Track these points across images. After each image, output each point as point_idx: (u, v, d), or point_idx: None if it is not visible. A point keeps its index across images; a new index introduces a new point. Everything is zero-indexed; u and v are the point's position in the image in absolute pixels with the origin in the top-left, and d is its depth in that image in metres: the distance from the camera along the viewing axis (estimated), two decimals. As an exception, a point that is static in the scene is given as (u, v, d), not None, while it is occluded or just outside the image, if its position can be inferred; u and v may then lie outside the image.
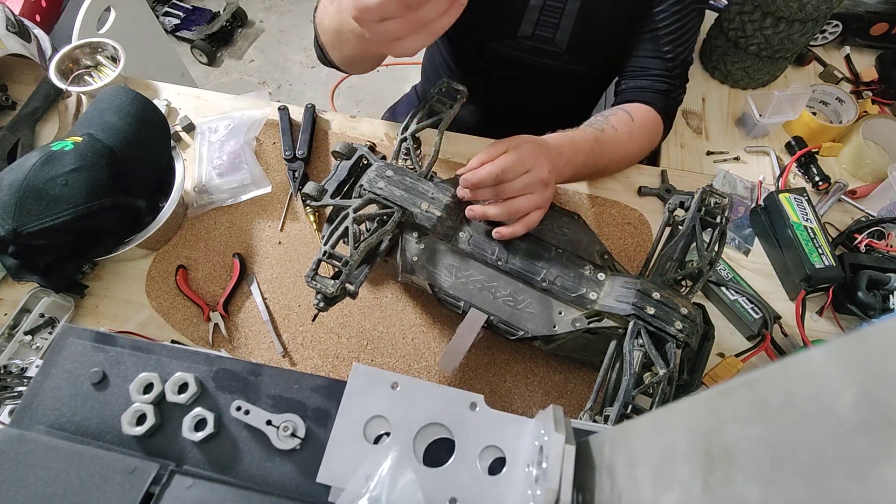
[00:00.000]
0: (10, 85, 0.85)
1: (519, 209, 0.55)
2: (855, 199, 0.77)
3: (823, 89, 0.86)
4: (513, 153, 0.55)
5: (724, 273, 0.68)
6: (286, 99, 2.07)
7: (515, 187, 0.54)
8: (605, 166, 0.71)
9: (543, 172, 0.55)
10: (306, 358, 0.64)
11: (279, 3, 2.35)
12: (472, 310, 0.55)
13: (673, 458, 0.20)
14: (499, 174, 0.53)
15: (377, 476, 0.31)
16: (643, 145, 0.73)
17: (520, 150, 0.55)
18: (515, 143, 0.56)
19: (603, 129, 0.68)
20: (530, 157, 0.55)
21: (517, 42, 0.78)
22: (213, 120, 0.79)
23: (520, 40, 0.77)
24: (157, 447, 0.34)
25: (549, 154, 0.58)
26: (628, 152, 0.72)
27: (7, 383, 0.56)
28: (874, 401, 0.12)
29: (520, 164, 0.54)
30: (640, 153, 0.74)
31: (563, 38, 0.75)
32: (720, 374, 0.62)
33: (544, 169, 0.56)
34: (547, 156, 0.57)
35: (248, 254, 0.71)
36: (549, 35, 0.76)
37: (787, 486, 0.14)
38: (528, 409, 0.62)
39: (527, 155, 0.55)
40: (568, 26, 0.74)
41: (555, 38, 0.76)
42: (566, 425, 0.29)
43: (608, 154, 0.69)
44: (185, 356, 0.37)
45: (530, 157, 0.55)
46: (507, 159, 0.54)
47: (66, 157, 0.59)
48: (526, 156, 0.55)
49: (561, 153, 0.61)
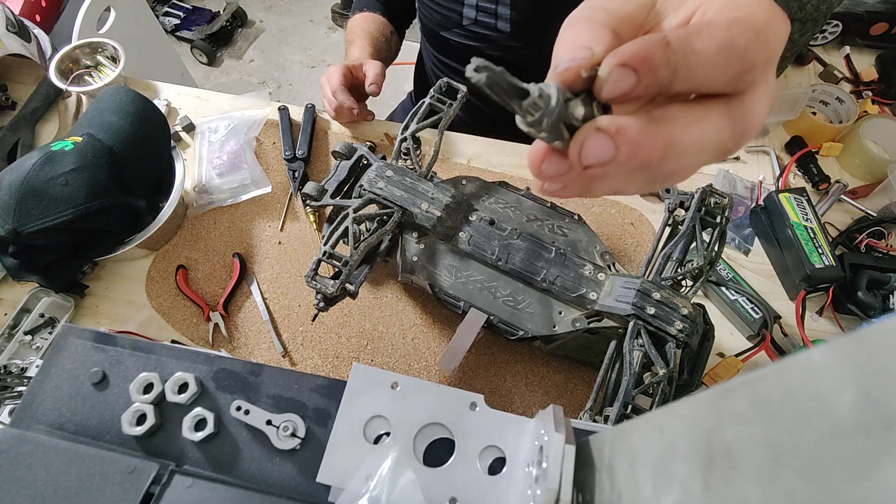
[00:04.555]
0: (10, 85, 0.85)
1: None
2: (855, 199, 0.77)
3: (823, 89, 0.86)
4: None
5: (724, 273, 0.68)
6: (286, 99, 2.07)
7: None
8: None
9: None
10: (306, 358, 0.64)
11: (279, 3, 2.35)
12: (472, 310, 0.55)
13: (673, 458, 0.20)
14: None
15: (377, 476, 0.31)
16: None
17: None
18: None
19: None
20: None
21: (464, 30, 0.77)
22: (213, 120, 0.79)
23: (466, 28, 0.77)
24: (157, 447, 0.34)
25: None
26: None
27: (7, 383, 0.56)
28: (874, 401, 0.12)
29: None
30: None
31: (504, 22, 0.74)
32: (720, 374, 0.62)
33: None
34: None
35: (248, 254, 0.71)
36: (490, 20, 0.75)
37: (787, 486, 0.14)
38: (528, 409, 0.62)
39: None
40: (506, 11, 0.72)
41: (496, 24, 0.75)
42: (566, 425, 0.29)
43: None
44: (185, 356, 0.37)
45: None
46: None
47: (66, 157, 0.59)
48: None
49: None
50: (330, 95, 0.77)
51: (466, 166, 0.78)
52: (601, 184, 0.22)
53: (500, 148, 0.81)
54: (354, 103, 0.77)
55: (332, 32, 2.27)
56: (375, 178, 0.56)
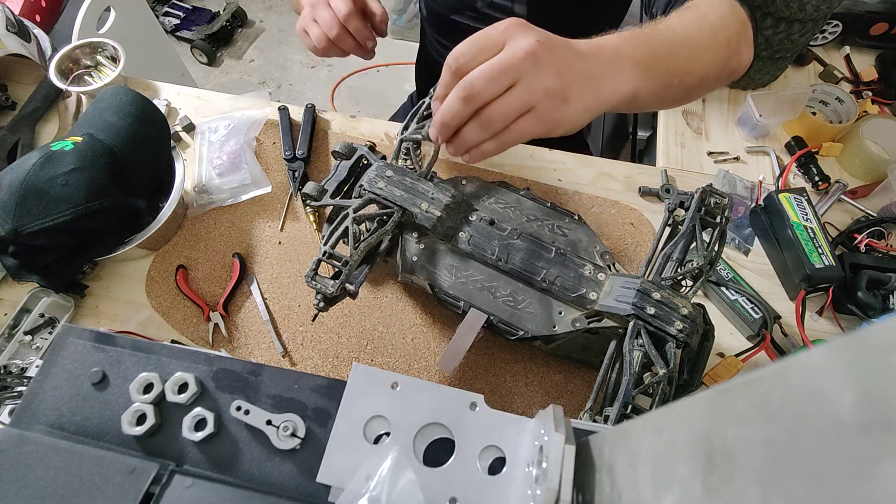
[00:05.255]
0: (10, 85, 0.85)
1: (492, 118, 0.41)
2: (855, 199, 0.77)
3: (823, 89, 0.86)
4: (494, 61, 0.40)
5: (724, 273, 0.68)
6: (286, 99, 2.07)
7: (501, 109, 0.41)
8: (692, 66, 0.50)
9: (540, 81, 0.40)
10: (306, 358, 0.64)
11: (279, 3, 2.35)
12: (472, 310, 0.55)
13: (673, 458, 0.20)
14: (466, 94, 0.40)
15: (377, 476, 0.31)
16: (727, 23, 0.53)
17: (509, 49, 0.40)
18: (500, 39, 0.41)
19: (666, 23, 0.50)
20: (520, 60, 0.39)
21: (477, 12, 0.76)
22: (213, 120, 0.79)
23: (479, 10, 0.75)
24: (157, 447, 0.34)
25: (569, 55, 0.42)
26: (712, 34, 0.51)
27: (7, 383, 0.56)
28: (874, 401, 0.12)
29: (500, 72, 0.39)
30: (725, 49, 0.53)
31: (521, 6, 0.73)
32: (720, 374, 0.62)
33: (543, 75, 0.40)
34: (563, 55, 0.41)
35: (248, 254, 0.71)
36: (506, 3, 0.74)
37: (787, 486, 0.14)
38: (528, 409, 0.62)
39: (514, 57, 0.39)
40: (522, 15, 0.71)
41: (513, 7, 0.74)
42: (566, 425, 0.29)
43: (688, 45, 0.50)
44: (185, 356, 0.37)
45: (520, 60, 0.39)
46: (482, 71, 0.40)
47: (66, 157, 0.59)
48: (511, 59, 0.39)
49: (602, 51, 0.44)
50: (330, 20, 0.61)
51: (466, 166, 0.78)
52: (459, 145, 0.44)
53: (500, 148, 0.81)
54: (371, 33, 0.64)
55: (332, 32, 2.26)
56: (375, 178, 0.56)
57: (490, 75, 0.39)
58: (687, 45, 0.50)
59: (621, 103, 0.45)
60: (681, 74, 0.50)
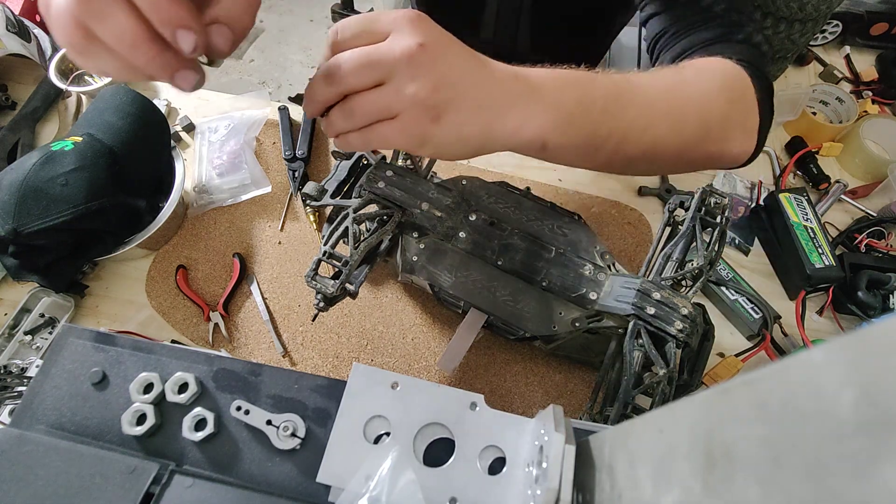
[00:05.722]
0: (10, 85, 0.85)
1: (353, 110, 0.37)
2: (855, 199, 0.77)
3: (823, 89, 0.86)
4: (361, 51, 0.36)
5: (724, 273, 0.68)
6: (286, 99, 2.07)
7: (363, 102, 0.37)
8: (636, 133, 0.43)
9: (410, 85, 0.36)
10: (306, 358, 0.64)
11: (279, 3, 2.35)
12: (472, 310, 0.55)
13: (673, 458, 0.20)
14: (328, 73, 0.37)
15: (377, 476, 0.31)
16: (712, 97, 0.45)
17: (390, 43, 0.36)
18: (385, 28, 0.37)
19: (629, 75, 0.44)
20: (395, 56, 0.35)
21: (482, 46, 0.76)
22: (213, 120, 0.79)
23: (483, 45, 0.76)
24: (157, 447, 0.34)
25: (466, 65, 0.38)
26: (682, 103, 0.44)
27: (7, 383, 0.56)
28: (874, 401, 0.12)
29: (367, 63, 0.36)
30: (696, 127, 0.45)
31: (525, 40, 0.72)
32: (720, 374, 0.62)
33: (419, 80, 0.36)
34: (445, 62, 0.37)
35: (248, 254, 0.71)
36: (509, 41, 0.74)
37: (787, 486, 0.14)
38: (528, 409, 0.62)
39: (392, 50, 0.35)
40: (526, 30, 0.70)
41: (516, 43, 0.73)
42: (566, 425, 0.29)
43: (640, 106, 0.43)
44: (185, 356, 0.37)
45: (395, 56, 0.35)
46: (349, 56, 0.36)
47: (66, 157, 0.59)
48: (388, 51, 0.35)
49: (516, 83, 0.40)
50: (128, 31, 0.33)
51: (466, 166, 0.78)
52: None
53: (500, 148, 0.81)
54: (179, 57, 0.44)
55: (332, 32, 2.27)
56: (375, 178, 0.56)
57: (357, 63, 0.36)
58: (639, 107, 0.43)
59: (522, 147, 0.41)
60: (616, 139, 0.43)
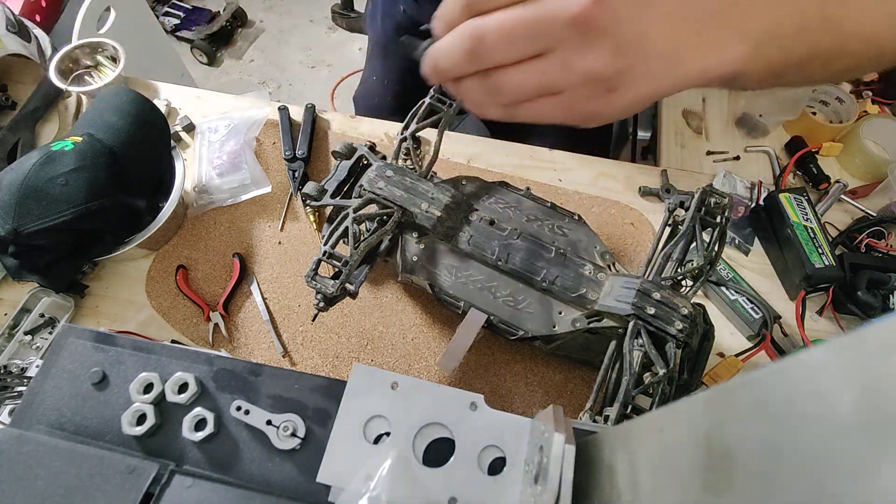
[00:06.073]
0: (10, 85, 0.85)
1: (501, 87, 0.30)
2: (855, 199, 0.77)
3: (823, 89, 0.86)
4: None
5: (724, 273, 0.68)
6: (286, 99, 2.07)
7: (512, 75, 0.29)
8: (841, 51, 0.30)
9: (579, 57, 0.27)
10: (306, 358, 0.64)
11: (279, 3, 2.35)
12: (472, 310, 0.55)
13: (673, 458, 0.20)
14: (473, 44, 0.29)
15: (377, 476, 0.31)
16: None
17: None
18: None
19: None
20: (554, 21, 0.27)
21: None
22: (213, 120, 0.79)
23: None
24: (157, 447, 0.34)
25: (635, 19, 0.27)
26: None
27: (7, 383, 0.56)
28: (874, 401, 0.12)
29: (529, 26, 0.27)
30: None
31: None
32: (720, 374, 0.62)
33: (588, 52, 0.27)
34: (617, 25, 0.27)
35: (248, 254, 0.71)
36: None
37: (787, 486, 0.14)
38: (528, 409, 0.62)
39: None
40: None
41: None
42: (566, 425, 0.29)
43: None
44: (185, 356, 0.37)
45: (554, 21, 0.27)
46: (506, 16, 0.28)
47: (66, 157, 0.59)
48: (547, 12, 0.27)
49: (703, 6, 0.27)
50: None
51: (466, 166, 0.78)
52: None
53: (500, 148, 0.81)
54: None
55: (332, 32, 2.27)
56: (375, 178, 0.56)
57: (511, 33, 0.28)
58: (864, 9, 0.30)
59: (709, 83, 0.30)
60: (834, 54, 0.31)
